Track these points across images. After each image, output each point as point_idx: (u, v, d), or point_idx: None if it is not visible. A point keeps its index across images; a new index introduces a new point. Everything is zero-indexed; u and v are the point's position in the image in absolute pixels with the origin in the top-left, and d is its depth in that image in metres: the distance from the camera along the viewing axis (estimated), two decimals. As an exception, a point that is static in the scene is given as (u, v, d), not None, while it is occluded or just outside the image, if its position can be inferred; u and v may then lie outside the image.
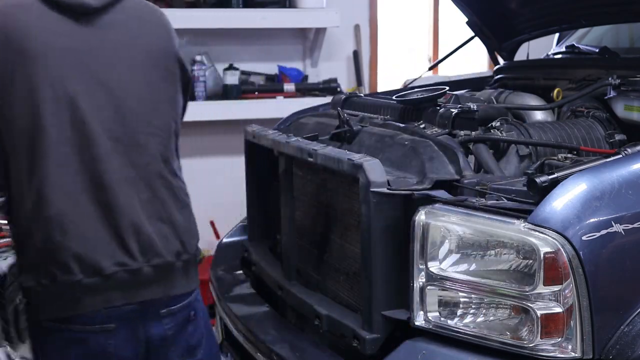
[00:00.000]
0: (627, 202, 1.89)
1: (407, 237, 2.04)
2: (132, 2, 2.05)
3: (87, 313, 1.92)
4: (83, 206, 1.90)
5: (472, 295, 1.95)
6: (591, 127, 2.68)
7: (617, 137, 2.64)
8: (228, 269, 3.06)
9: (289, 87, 4.91)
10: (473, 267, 1.96)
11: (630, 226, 1.86)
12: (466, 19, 3.61)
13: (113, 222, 1.91)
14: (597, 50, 3.27)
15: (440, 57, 4.34)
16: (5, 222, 2.07)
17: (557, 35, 3.81)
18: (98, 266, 1.90)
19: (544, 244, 1.82)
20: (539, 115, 2.86)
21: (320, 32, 5.00)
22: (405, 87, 3.54)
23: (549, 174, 1.93)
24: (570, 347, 1.84)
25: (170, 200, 2.02)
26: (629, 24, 3.52)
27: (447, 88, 2.64)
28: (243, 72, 4.87)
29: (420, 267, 2.00)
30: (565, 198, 1.86)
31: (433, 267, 1.99)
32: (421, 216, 2.00)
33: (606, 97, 2.77)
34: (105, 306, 1.92)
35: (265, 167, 2.95)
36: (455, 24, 4.75)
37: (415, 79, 3.70)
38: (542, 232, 1.83)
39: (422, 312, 2.01)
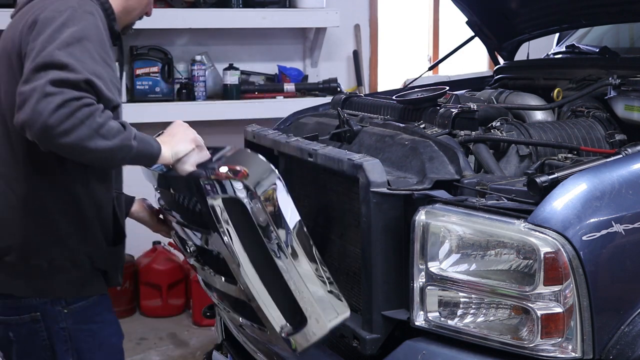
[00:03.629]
0: (628, 202, 1.88)
1: (407, 237, 2.04)
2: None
3: None
4: None
5: (472, 296, 1.95)
6: (591, 127, 2.68)
7: (618, 137, 2.64)
8: (228, 269, 3.06)
9: (289, 87, 4.91)
10: (473, 267, 1.95)
11: (631, 226, 1.86)
12: (466, 19, 3.61)
13: None
14: (597, 50, 3.27)
15: (440, 57, 4.34)
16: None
17: (557, 35, 3.81)
18: None
19: (544, 244, 1.82)
20: (539, 115, 2.85)
21: (320, 32, 5.00)
22: (405, 87, 3.54)
23: (549, 174, 1.93)
24: (570, 347, 1.84)
25: None
26: (629, 24, 3.51)
27: (447, 88, 2.64)
28: (243, 72, 4.86)
29: (420, 267, 2.00)
30: (566, 198, 1.86)
31: (433, 267, 1.98)
32: (421, 216, 2.00)
33: (606, 97, 2.77)
34: None
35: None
36: (455, 24, 4.75)
37: (415, 79, 3.70)
38: (542, 232, 1.83)
39: (422, 312, 2.01)
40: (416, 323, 2.02)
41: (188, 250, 2.29)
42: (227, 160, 1.94)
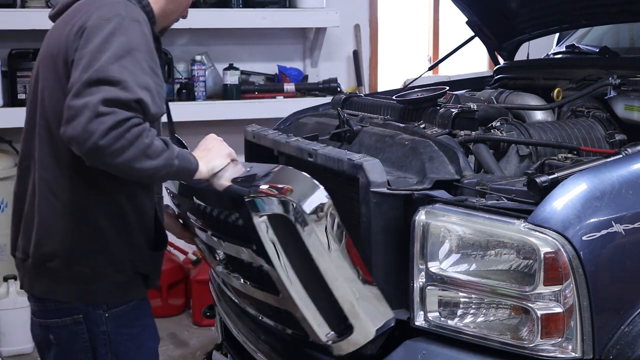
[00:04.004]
0: (627, 202, 1.89)
1: (407, 237, 2.04)
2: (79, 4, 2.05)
3: None
4: None
5: (472, 295, 1.95)
6: (591, 127, 2.68)
7: (618, 137, 2.64)
8: (228, 269, 3.05)
9: (289, 87, 4.91)
10: (473, 267, 1.95)
11: (631, 226, 1.86)
12: (466, 19, 3.61)
13: None
14: (597, 50, 3.27)
15: (440, 57, 4.34)
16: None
17: (557, 35, 3.81)
18: None
19: (544, 244, 1.82)
20: (539, 115, 2.85)
21: (320, 32, 5.00)
22: (405, 87, 3.54)
23: (549, 174, 1.93)
24: (570, 347, 1.84)
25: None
26: (629, 24, 3.52)
27: (447, 88, 2.64)
28: (243, 72, 4.86)
29: (420, 267, 2.00)
30: (566, 198, 1.86)
31: (433, 267, 1.98)
32: (421, 216, 2.00)
33: (606, 97, 2.77)
34: None
35: (265, 167, 2.94)
36: (455, 24, 4.75)
37: (415, 79, 3.70)
38: (542, 232, 1.83)
39: (422, 312, 2.01)
40: (416, 323, 2.02)
41: (216, 258, 2.29)
42: (273, 177, 1.95)
